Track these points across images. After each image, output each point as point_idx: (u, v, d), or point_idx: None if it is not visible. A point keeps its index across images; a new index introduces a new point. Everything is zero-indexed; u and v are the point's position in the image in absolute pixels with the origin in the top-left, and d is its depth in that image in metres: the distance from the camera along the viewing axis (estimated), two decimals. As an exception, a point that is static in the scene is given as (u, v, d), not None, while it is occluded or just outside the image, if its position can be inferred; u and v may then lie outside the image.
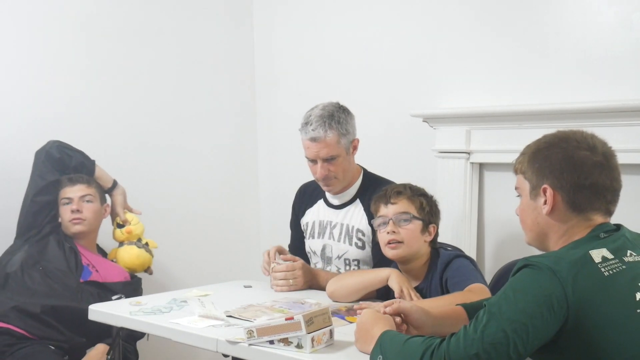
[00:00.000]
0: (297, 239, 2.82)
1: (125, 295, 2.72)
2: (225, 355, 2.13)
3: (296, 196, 2.87)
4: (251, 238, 3.84)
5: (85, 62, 3.23)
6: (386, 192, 2.35)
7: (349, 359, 1.77)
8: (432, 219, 2.34)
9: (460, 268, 2.23)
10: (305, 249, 2.77)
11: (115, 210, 2.97)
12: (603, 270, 1.48)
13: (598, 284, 1.47)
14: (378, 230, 2.35)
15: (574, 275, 1.45)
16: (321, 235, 2.70)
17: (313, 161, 2.59)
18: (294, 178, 2.95)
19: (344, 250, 2.63)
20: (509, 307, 1.46)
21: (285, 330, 1.78)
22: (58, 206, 2.83)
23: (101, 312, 2.34)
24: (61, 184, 2.83)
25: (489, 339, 1.44)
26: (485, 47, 2.94)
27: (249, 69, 3.83)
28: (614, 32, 2.60)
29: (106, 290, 2.74)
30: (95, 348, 2.66)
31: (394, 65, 3.24)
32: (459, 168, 2.93)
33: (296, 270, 2.56)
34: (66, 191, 2.82)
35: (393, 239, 2.27)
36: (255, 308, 2.23)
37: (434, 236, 2.34)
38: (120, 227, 2.96)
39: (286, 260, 2.60)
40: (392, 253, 2.29)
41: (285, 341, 1.79)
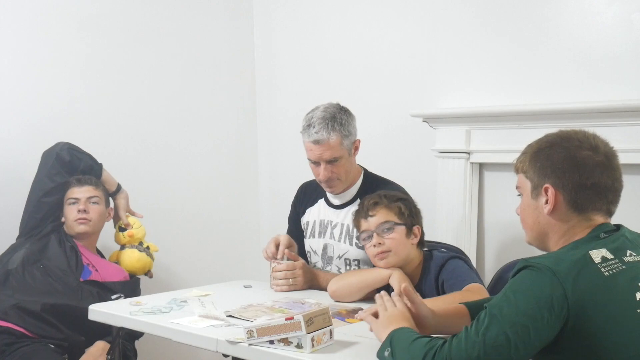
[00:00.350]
0: (294, 234, 2.82)
1: (124, 295, 2.73)
2: (225, 355, 2.13)
3: (297, 193, 2.87)
4: (251, 238, 3.84)
5: (86, 63, 3.23)
6: (363, 206, 2.35)
7: (349, 359, 1.77)
8: (414, 220, 2.34)
9: (456, 269, 2.23)
10: (305, 247, 2.77)
11: (118, 214, 2.98)
12: (603, 270, 1.48)
13: (598, 285, 1.47)
14: (364, 244, 2.36)
15: (574, 276, 1.45)
16: (322, 234, 2.70)
17: (315, 163, 2.59)
18: (294, 178, 2.96)
19: (345, 250, 2.63)
20: (510, 309, 1.46)
21: (285, 330, 1.78)
22: (63, 207, 2.84)
23: (101, 312, 2.34)
24: (69, 185, 2.84)
25: (491, 342, 1.45)
26: (485, 47, 2.94)
27: (249, 69, 3.83)
28: (614, 32, 2.60)
29: (106, 289, 2.75)
30: (94, 345, 2.66)
31: (394, 65, 3.24)
32: (459, 168, 2.93)
33: (296, 270, 2.56)
34: (74, 191, 2.83)
35: (380, 251, 2.28)
36: (255, 308, 2.23)
37: (420, 237, 2.34)
38: (122, 231, 2.97)
39: (288, 260, 2.60)
40: (383, 263, 2.29)
41: (285, 341, 1.79)
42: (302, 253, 2.76)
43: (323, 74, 3.53)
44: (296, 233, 2.81)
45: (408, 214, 2.32)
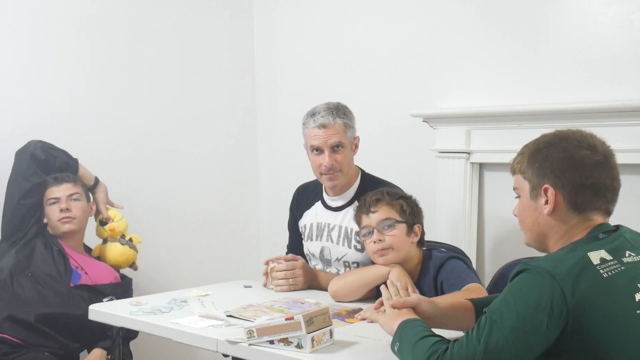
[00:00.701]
0: (296, 240, 2.82)
1: (115, 297, 2.69)
2: (225, 355, 2.13)
3: (294, 197, 2.87)
4: (251, 238, 3.84)
5: (85, 63, 3.23)
6: (365, 202, 2.35)
7: (349, 359, 1.77)
8: (416, 219, 2.34)
9: (455, 269, 2.23)
10: (304, 251, 2.77)
11: (98, 208, 2.93)
12: (602, 272, 1.48)
13: (597, 286, 1.46)
14: (364, 240, 2.36)
15: (573, 279, 1.45)
16: (319, 237, 2.70)
17: (318, 151, 2.58)
18: (294, 178, 2.95)
19: (343, 252, 2.63)
20: (510, 315, 1.46)
21: (285, 330, 1.78)
22: (43, 207, 2.78)
23: (101, 312, 2.34)
24: (47, 185, 2.78)
25: (492, 347, 1.45)
26: (485, 47, 2.94)
27: (249, 69, 3.83)
28: (613, 32, 2.60)
29: (97, 292, 2.70)
30: (92, 354, 2.63)
31: (394, 65, 3.24)
32: (459, 168, 2.93)
33: (296, 269, 2.56)
34: (53, 191, 2.77)
35: (380, 247, 2.28)
36: (255, 308, 2.23)
37: (420, 236, 2.35)
38: (103, 224, 2.92)
39: (287, 260, 2.60)
40: (382, 260, 2.30)
41: (285, 341, 1.79)
42: (303, 256, 2.76)
43: (323, 74, 3.53)
44: (297, 240, 2.81)
45: (409, 212, 2.33)
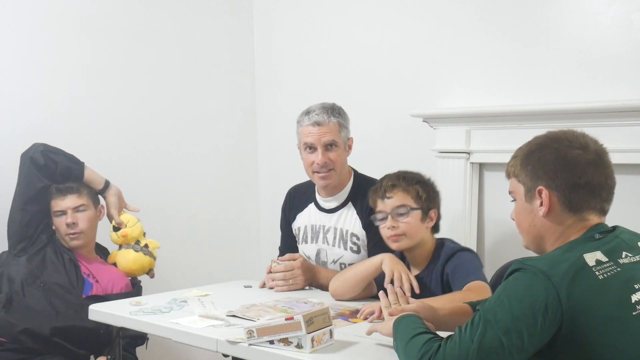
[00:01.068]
0: (289, 241, 2.82)
1: None
2: (225, 355, 2.13)
3: (286, 199, 2.86)
4: (251, 238, 3.84)
5: (85, 63, 3.23)
6: (381, 185, 2.34)
7: (349, 359, 1.77)
8: (431, 204, 2.34)
9: (463, 263, 2.22)
10: (298, 252, 2.76)
11: (108, 212, 2.85)
12: (598, 274, 1.48)
13: (593, 289, 1.46)
14: (379, 224, 2.35)
15: (568, 281, 1.45)
16: (314, 240, 2.70)
17: (312, 149, 2.58)
18: (294, 178, 2.95)
19: (339, 254, 2.63)
20: (504, 315, 1.45)
21: (285, 330, 1.78)
22: (50, 214, 2.74)
23: (101, 312, 2.35)
24: (51, 194, 2.73)
25: (485, 347, 1.44)
26: (485, 47, 2.94)
27: (249, 69, 3.83)
28: (613, 32, 2.60)
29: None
30: None
31: (393, 65, 3.24)
32: (459, 168, 2.93)
33: (295, 269, 2.55)
34: (57, 203, 2.72)
35: (393, 234, 2.28)
36: (258, 308, 2.23)
37: (436, 220, 2.35)
38: (116, 230, 2.83)
39: (286, 260, 2.59)
40: (395, 246, 2.31)
41: (285, 341, 1.79)
42: None
43: (323, 74, 3.53)
44: (290, 241, 2.81)
45: (425, 197, 2.32)
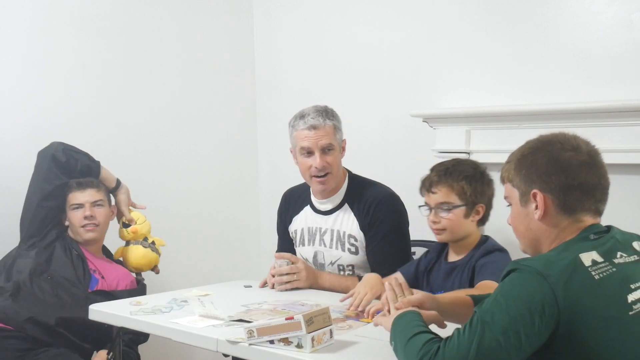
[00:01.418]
0: (286, 245, 2.81)
1: None
2: (225, 355, 2.13)
3: (282, 202, 2.86)
4: (251, 238, 3.84)
5: (86, 63, 3.23)
6: (429, 177, 2.33)
7: (349, 359, 1.77)
8: (479, 199, 2.30)
9: (492, 262, 2.21)
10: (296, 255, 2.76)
11: (120, 210, 2.94)
12: (593, 274, 1.48)
13: (589, 289, 1.47)
14: (425, 215, 2.35)
15: (564, 281, 1.45)
16: (311, 242, 2.69)
17: (309, 153, 2.58)
18: (294, 178, 2.95)
19: (337, 256, 2.63)
20: (501, 316, 1.46)
21: (286, 330, 1.78)
22: (65, 211, 2.80)
23: (102, 312, 2.34)
24: (69, 189, 2.79)
25: (483, 349, 1.45)
26: (485, 47, 2.94)
27: (249, 69, 3.83)
28: (613, 32, 2.60)
29: (113, 298, 2.66)
30: (98, 355, 2.64)
31: (393, 66, 3.24)
32: (459, 168, 2.92)
33: (298, 264, 2.55)
34: (76, 196, 2.78)
35: (435, 227, 2.31)
36: (256, 311, 2.22)
37: (483, 214, 2.32)
38: (126, 227, 2.93)
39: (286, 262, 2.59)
40: (438, 238, 2.35)
41: (286, 341, 1.79)
42: None
43: (323, 74, 3.53)
44: (288, 244, 2.80)
45: (471, 192, 2.28)
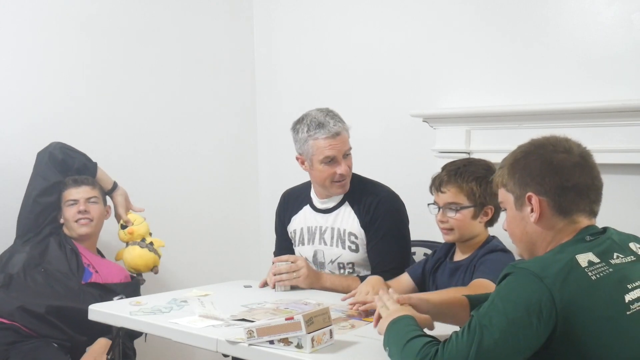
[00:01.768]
0: (284, 245, 2.81)
1: (125, 296, 2.71)
2: (225, 355, 2.13)
3: (280, 203, 2.86)
4: (251, 238, 3.84)
5: (86, 63, 3.23)
6: (439, 176, 2.32)
7: (349, 359, 1.77)
8: (487, 201, 2.27)
9: (492, 261, 2.20)
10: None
11: (116, 211, 2.98)
12: (590, 274, 1.49)
13: (586, 289, 1.47)
14: (434, 213, 2.33)
15: (561, 282, 1.46)
16: (311, 241, 2.69)
17: (332, 161, 2.55)
18: (294, 178, 2.95)
19: (338, 254, 2.63)
20: (499, 319, 1.46)
21: (285, 330, 1.78)
22: (60, 207, 2.84)
23: (101, 312, 2.35)
24: (65, 186, 2.83)
25: (483, 352, 1.45)
26: (485, 47, 2.94)
27: (249, 69, 3.83)
28: (613, 32, 2.60)
29: (107, 291, 2.75)
30: (96, 342, 2.67)
31: (393, 66, 3.24)
32: (459, 168, 2.92)
33: (298, 262, 2.53)
34: (71, 192, 2.83)
35: (443, 227, 2.30)
36: (260, 310, 2.22)
37: (492, 216, 2.29)
38: (123, 228, 2.96)
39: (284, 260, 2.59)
40: (445, 238, 2.34)
41: (285, 341, 1.79)
42: None
43: (323, 74, 3.53)
44: (286, 244, 2.80)
45: (480, 194, 2.25)
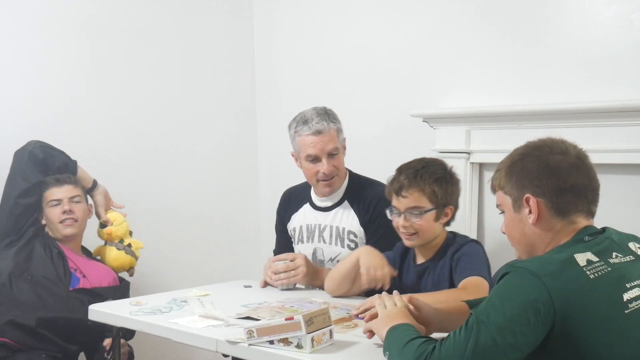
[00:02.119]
0: (284, 243, 2.81)
1: (114, 300, 2.64)
2: (225, 355, 2.13)
3: (281, 201, 2.87)
4: (251, 238, 3.84)
5: (86, 63, 3.23)
6: (399, 180, 2.28)
7: (349, 359, 1.77)
8: (448, 200, 2.29)
9: (470, 255, 2.22)
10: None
11: (96, 210, 2.90)
12: (588, 273, 1.49)
13: (584, 288, 1.47)
14: (393, 218, 2.32)
15: (559, 280, 1.46)
16: (310, 239, 2.70)
17: (315, 160, 2.58)
18: (293, 178, 2.95)
19: (337, 252, 2.63)
20: (497, 315, 1.46)
21: (285, 330, 1.78)
22: (41, 208, 2.75)
23: (101, 312, 2.35)
24: (47, 185, 2.75)
25: (480, 348, 1.45)
26: (485, 47, 2.94)
27: (249, 69, 3.83)
28: (613, 32, 2.60)
29: (95, 296, 2.66)
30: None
31: (393, 66, 3.24)
32: (459, 168, 2.91)
33: (297, 260, 2.53)
34: (54, 192, 2.74)
35: (405, 232, 2.28)
36: (265, 309, 2.22)
37: (451, 215, 2.32)
38: (103, 227, 2.90)
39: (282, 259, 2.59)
40: (408, 244, 2.32)
41: (285, 341, 1.79)
42: None
43: (323, 74, 3.53)
44: (285, 242, 2.80)
45: (442, 195, 2.27)
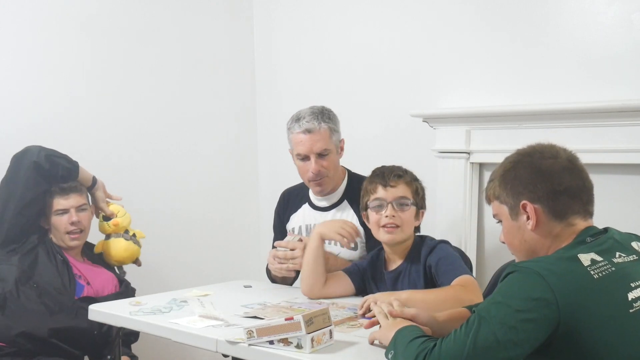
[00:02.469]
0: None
1: None
2: (225, 355, 2.13)
3: (280, 201, 2.86)
4: (251, 238, 3.84)
5: (86, 64, 3.23)
6: (384, 174, 2.31)
7: (349, 359, 1.77)
8: (423, 204, 2.37)
9: (448, 257, 2.23)
10: None
11: (98, 206, 2.88)
12: (592, 273, 1.49)
13: (588, 287, 1.47)
14: (374, 211, 2.30)
15: (563, 280, 1.46)
16: None
17: (305, 158, 2.58)
18: (293, 178, 2.95)
19: (336, 252, 2.62)
20: (499, 311, 1.46)
21: (285, 331, 1.78)
22: (46, 215, 2.74)
23: (101, 312, 2.35)
24: (52, 194, 2.73)
25: (481, 343, 1.45)
26: (485, 47, 2.94)
27: (249, 69, 3.83)
28: (613, 32, 2.60)
29: None
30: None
31: (393, 65, 3.24)
32: (459, 168, 2.93)
33: (296, 250, 2.50)
34: (60, 202, 2.73)
35: (392, 222, 2.26)
36: (274, 308, 2.22)
37: (421, 220, 2.37)
38: (106, 220, 2.89)
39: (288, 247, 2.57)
40: (388, 237, 2.28)
41: (285, 341, 1.79)
42: None
43: (323, 74, 3.53)
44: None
45: (421, 195, 2.34)
